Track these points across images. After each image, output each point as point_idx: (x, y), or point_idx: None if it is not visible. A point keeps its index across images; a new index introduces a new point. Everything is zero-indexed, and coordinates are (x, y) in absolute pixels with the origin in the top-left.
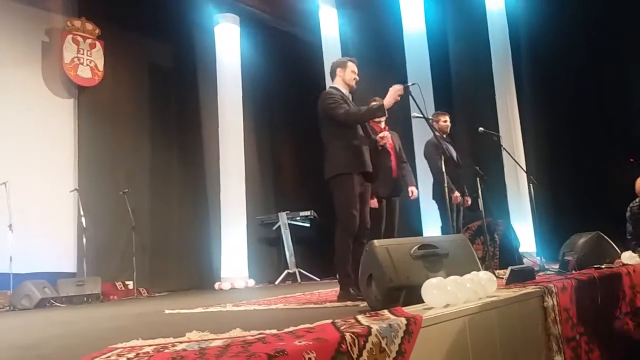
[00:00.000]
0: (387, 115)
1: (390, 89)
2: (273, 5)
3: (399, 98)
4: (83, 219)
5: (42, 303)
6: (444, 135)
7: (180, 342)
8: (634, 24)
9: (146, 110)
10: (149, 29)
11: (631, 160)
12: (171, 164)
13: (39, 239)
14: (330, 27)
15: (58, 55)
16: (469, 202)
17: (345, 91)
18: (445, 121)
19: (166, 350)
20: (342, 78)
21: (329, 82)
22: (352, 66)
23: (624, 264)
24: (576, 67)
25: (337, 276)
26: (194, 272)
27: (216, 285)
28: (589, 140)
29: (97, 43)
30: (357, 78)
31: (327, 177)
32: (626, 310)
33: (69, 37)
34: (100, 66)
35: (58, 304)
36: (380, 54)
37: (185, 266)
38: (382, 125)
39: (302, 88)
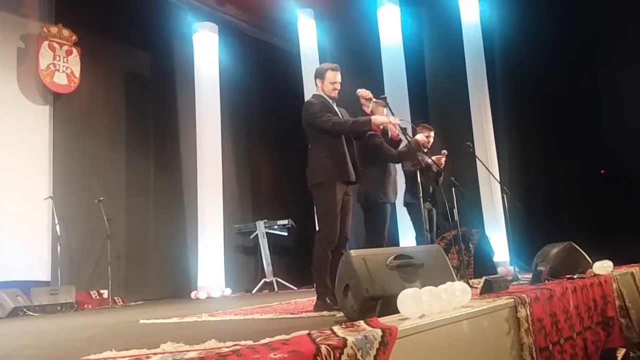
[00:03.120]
0: (371, 130)
1: (385, 116)
2: (252, 15)
3: (389, 126)
4: (57, 227)
5: (14, 312)
6: (424, 150)
7: (155, 354)
8: (607, 36)
9: (123, 117)
10: (126, 36)
11: (602, 171)
12: (148, 172)
13: (12, 247)
14: (309, 38)
15: (33, 62)
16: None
17: (328, 99)
18: (427, 136)
19: None
20: (321, 88)
21: (307, 92)
22: (330, 76)
23: (595, 274)
24: (549, 79)
25: (314, 285)
26: (170, 281)
27: (192, 294)
28: (561, 151)
29: (74, 49)
30: (338, 87)
31: (309, 184)
32: (597, 320)
33: (45, 43)
34: (77, 73)
35: (31, 313)
36: (358, 64)
37: (161, 275)
38: None
39: (280, 97)
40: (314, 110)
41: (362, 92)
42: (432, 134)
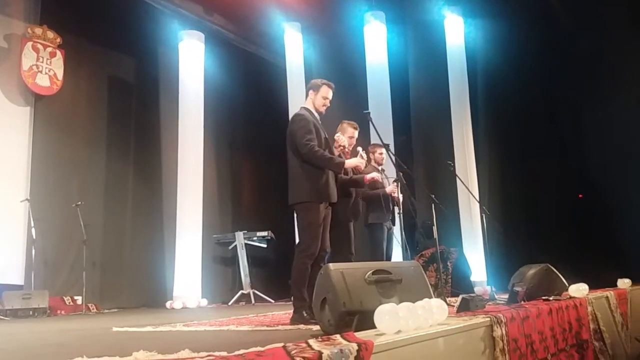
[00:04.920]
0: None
1: (356, 159)
2: (239, 26)
3: (359, 167)
4: (33, 230)
5: None
6: (380, 167)
7: None
8: (588, 63)
9: (104, 123)
10: (111, 41)
11: (580, 196)
12: (127, 179)
13: None
14: (295, 52)
15: (16, 62)
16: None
17: (316, 113)
18: (380, 153)
19: None
20: (312, 101)
21: (292, 105)
22: (325, 91)
23: (571, 297)
24: (530, 103)
25: (292, 298)
26: (145, 290)
27: (168, 304)
28: (541, 175)
29: (58, 52)
30: (328, 104)
31: (291, 202)
32: (572, 343)
33: (29, 44)
34: (60, 75)
35: (2, 317)
36: (343, 80)
37: (137, 283)
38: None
39: (264, 109)
40: (300, 125)
41: (340, 141)
42: (384, 150)
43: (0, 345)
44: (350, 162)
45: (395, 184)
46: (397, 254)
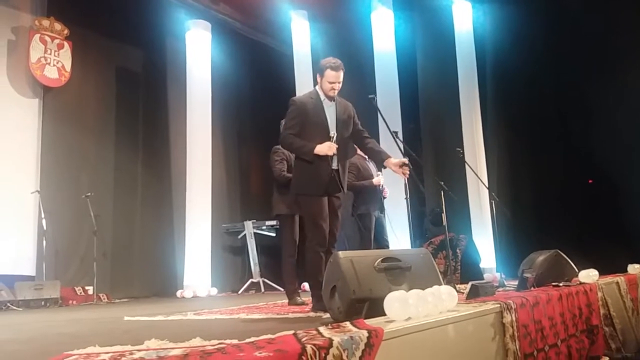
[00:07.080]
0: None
1: (327, 144)
2: (246, 15)
3: (329, 154)
4: (44, 222)
5: None
6: (367, 158)
7: (139, 350)
8: (596, 48)
9: (113, 113)
10: (119, 31)
11: (590, 181)
12: (136, 169)
13: None
14: (302, 40)
15: (24, 55)
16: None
17: (323, 97)
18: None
19: (123, 359)
20: (320, 85)
21: (299, 93)
22: (329, 75)
23: (581, 283)
24: (539, 89)
25: (310, 288)
26: (156, 279)
27: (178, 293)
28: (550, 160)
29: (66, 43)
30: (337, 87)
31: (293, 192)
32: (582, 328)
33: (37, 36)
34: (68, 67)
35: (15, 308)
36: (351, 67)
37: (147, 273)
38: None
39: (272, 98)
40: (289, 111)
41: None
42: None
43: (13, 335)
44: (320, 149)
45: (381, 174)
46: (398, 243)
